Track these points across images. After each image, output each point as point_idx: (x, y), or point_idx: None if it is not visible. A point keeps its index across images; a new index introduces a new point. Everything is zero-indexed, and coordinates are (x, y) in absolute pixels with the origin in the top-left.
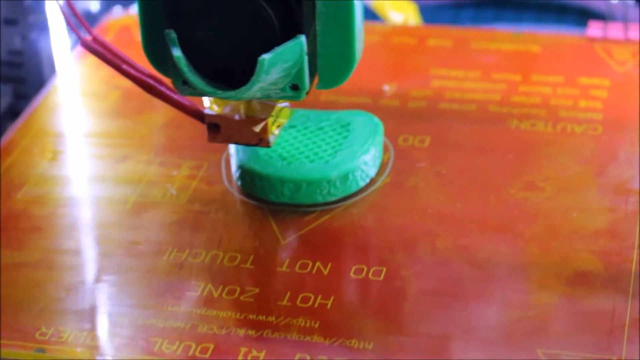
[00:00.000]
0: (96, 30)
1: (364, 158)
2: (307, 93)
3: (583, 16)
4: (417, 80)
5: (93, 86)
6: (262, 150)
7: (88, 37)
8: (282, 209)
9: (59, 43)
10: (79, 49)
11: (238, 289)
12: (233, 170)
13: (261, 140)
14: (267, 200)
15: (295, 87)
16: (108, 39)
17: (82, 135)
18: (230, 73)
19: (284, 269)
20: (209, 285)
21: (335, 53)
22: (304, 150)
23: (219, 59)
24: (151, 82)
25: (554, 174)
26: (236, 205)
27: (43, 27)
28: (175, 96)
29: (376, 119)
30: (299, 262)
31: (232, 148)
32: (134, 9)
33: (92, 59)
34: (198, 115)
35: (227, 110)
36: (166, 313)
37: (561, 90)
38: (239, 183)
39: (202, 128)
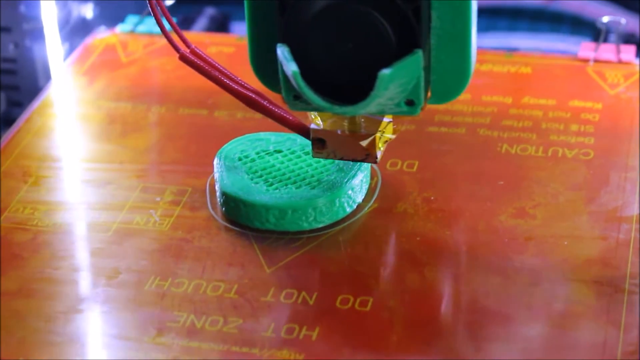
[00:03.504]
0: (81, 49)
1: (351, 184)
2: (422, 109)
3: (577, 25)
4: None
5: (77, 107)
6: (247, 176)
7: (186, 50)
8: (267, 236)
9: (53, 51)
10: (73, 57)
11: (221, 320)
12: (217, 196)
13: (368, 155)
14: (252, 227)
15: (411, 103)
16: (93, 57)
17: (64, 159)
18: (344, 88)
19: (268, 298)
20: (192, 316)
21: (450, 67)
22: (290, 176)
23: (332, 73)
24: (253, 96)
25: (545, 200)
26: (220, 232)
27: (37, 34)
28: (279, 110)
29: None
30: (284, 292)
31: (216, 173)
32: (121, 28)
33: (84, 69)
34: (302, 130)
35: (330, 125)
36: (147, 345)
37: (552, 114)
38: (223, 209)
39: (186, 152)
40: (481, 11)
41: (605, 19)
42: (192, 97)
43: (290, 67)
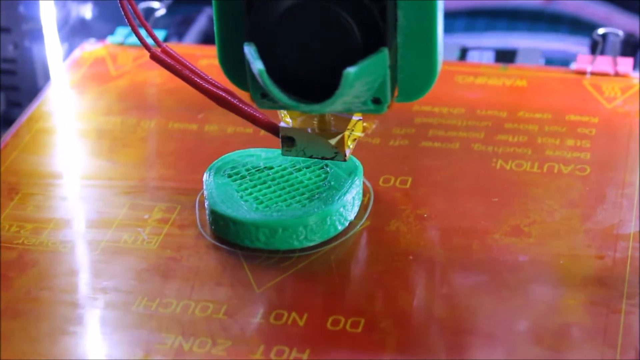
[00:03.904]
0: (70, 62)
1: (343, 201)
2: (388, 107)
3: (576, 26)
4: (400, 117)
5: (66, 121)
6: (236, 193)
7: (157, 49)
8: (257, 254)
9: (52, 52)
10: (62, 70)
11: (209, 342)
12: (207, 214)
13: (337, 154)
14: (242, 245)
15: (377, 101)
16: (82, 70)
17: (51, 176)
18: (311, 86)
19: (258, 319)
20: (179, 338)
21: (416, 66)
22: (280, 193)
23: (299, 72)
24: (224, 94)
25: (540, 217)
26: (209, 250)
27: (36, 35)
28: (248, 109)
29: (355, 160)
30: (274, 313)
31: (206, 190)
32: (111, 40)
33: (73, 83)
34: (272, 128)
35: (299, 123)
36: None
37: (548, 128)
38: (213, 227)
39: (175, 168)
40: (480, 12)
41: (601, 31)
42: (182, 112)
43: (256, 65)
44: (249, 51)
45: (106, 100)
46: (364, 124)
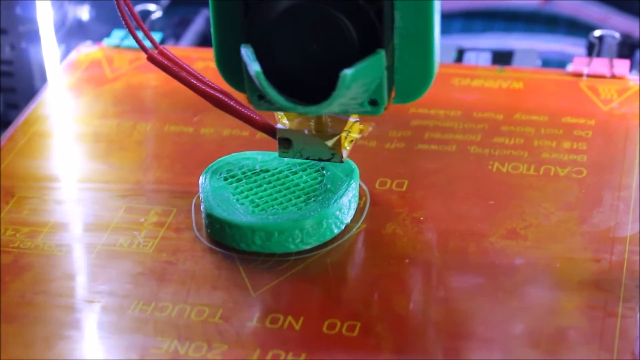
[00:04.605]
0: (65, 65)
1: (339, 204)
2: (385, 108)
3: (573, 27)
4: (396, 120)
5: (61, 124)
6: (232, 196)
7: (154, 51)
8: (253, 258)
9: (49, 53)
10: (58, 72)
11: (205, 346)
12: (203, 217)
13: (334, 155)
14: (238, 249)
15: (374, 103)
16: (78, 73)
17: (47, 179)
18: (307, 88)
19: (253, 323)
20: (175, 342)
21: (413, 67)
22: (276, 197)
23: (296, 73)
24: (220, 96)
25: (537, 220)
26: (205, 254)
27: (33, 36)
28: (245, 111)
29: (351, 163)
30: (270, 316)
31: (201, 194)
32: (107, 42)
33: (69, 85)
34: (268, 130)
35: (296, 125)
36: None
37: (545, 130)
38: (209, 231)
39: (171, 171)
40: (477, 13)
41: (598, 33)
42: (178, 114)
43: (253, 67)
44: (246, 53)
45: (102, 103)
46: (360, 126)
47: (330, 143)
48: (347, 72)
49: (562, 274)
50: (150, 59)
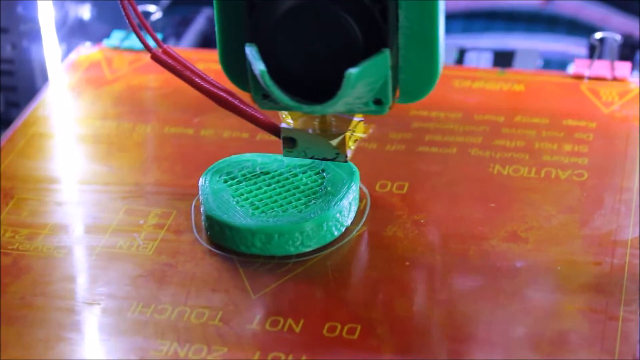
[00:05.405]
0: (65, 66)
1: (339, 206)
2: (390, 107)
3: (574, 27)
4: (397, 122)
5: (61, 125)
6: (232, 199)
7: (158, 50)
8: (253, 260)
9: (50, 52)
10: (58, 74)
11: (205, 348)
12: (202, 219)
13: (338, 154)
14: (238, 251)
15: (379, 102)
16: (78, 74)
17: (46, 181)
18: (312, 87)
19: (253, 326)
20: (175, 344)
21: (418, 67)
22: (276, 199)
23: (301, 72)
24: (224, 95)
25: (538, 223)
26: (205, 256)
27: (34, 35)
28: (250, 110)
29: (352, 165)
30: (270, 319)
31: (201, 196)
32: (106, 43)
33: (69, 87)
34: (273, 129)
35: (300, 124)
36: None
37: (546, 133)
38: (209, 233)
39: (171, 173)
40: (478, 13)
41: (599, 35)
42: (178, 116)
43: (258, 66)
44: (251, 52)
45: (102, 104)
46: (365, 125)
47: (334, 142)
48: (352, 71)
49: (563, 277)
50: (155, 58)
